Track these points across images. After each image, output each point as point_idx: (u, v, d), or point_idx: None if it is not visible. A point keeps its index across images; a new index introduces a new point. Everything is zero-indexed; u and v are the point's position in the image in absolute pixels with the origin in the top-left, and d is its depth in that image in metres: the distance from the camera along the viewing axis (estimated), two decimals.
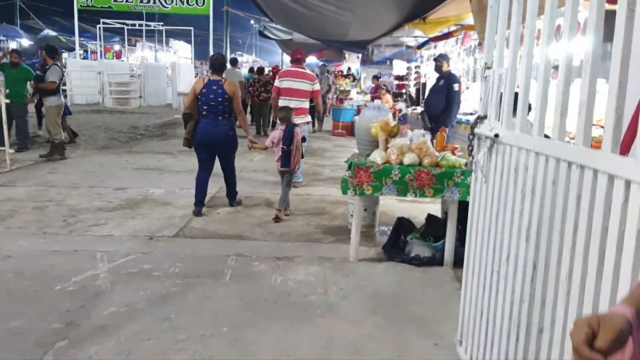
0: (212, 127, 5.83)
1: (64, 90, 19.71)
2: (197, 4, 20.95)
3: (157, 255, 4.44)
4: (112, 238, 4.88)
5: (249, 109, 13.96)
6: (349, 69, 26.50)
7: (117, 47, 31.35)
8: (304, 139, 6.07)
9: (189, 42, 33.27)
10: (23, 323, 3.22)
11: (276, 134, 5.85)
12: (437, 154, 4.45)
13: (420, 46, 13.45)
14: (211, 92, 5.79)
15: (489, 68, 2.95)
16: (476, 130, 2.92)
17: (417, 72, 16.35)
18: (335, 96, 15.49)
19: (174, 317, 3.35)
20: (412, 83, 16.64)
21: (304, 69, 7.53)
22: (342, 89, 15.76)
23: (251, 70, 17.16)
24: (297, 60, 7.45)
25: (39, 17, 30.75)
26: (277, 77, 7.54)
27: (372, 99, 15.40)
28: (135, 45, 30.99)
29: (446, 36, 10.82)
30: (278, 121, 6.15)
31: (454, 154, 4.65)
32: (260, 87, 13.90)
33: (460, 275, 4.32)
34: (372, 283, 4.03)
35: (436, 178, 4.32)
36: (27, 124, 9.59)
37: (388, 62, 16.73)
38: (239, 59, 36.14)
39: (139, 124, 13.95)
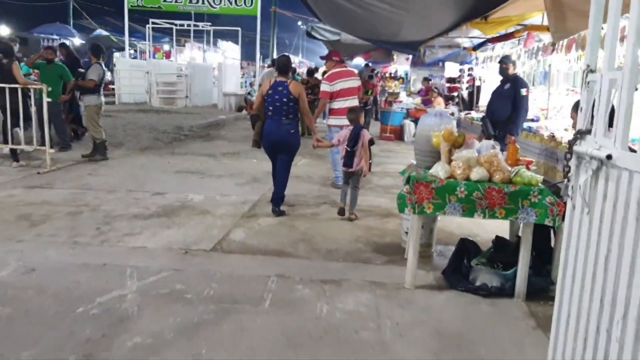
0: (276, 127, 5.82)
1: (113, 90, 19.94)
2: (245, 4, 20.73)
3: (191, 273, 4.03)
4: (145, 250, 4.50)
5: None
6: (396, 70, 25.85)
7: (166, 47, 31.64)
8: (372, 142, 6.02)
9: (238, 42, 33.32)
10: (37, 353, 2.85)
11: (343, 133, 5.91)
12: (509, 168, 3.87)
13: (476, 47, 12.72)
14: (277, 93, 5.80)
15: (592, 71, 2.37)
16: (576, 148, 2.35)
17: (470, 75, 15.63)
18: (383, 98, 14.92)
19: (204, 353, 2.91)
20: (464, 86, 15.91)
21: (347, 67, 7.75)
22: (390, 91, 15.18)
23: (294, 71, 16.60)
24: (341, 61, 7.54)
25: (92, 17, 31.37)
26: (325, 81, 7.30)
27: (423, 102, 14.79)
28: (184, 46, 31.18)
29: (506, 37, 10.09)
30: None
31: (528, 168, 4.06)
32: (308, 89, 13.49)
33: (536, 310, 3.75)
34: (433, 318, 3.49)
35: (509, 197, 3.75)
36: (64, 122, 9.43)
37: (440, 64, 16.03)
38: None
39: (183, 125, 13.74)
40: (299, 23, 43.72)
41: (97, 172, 7.79)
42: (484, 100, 14.49)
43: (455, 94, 16.22)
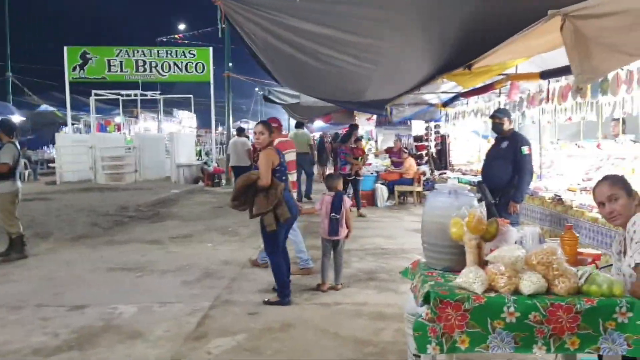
0: (293, 199, 5.48)
1: (54, 168, 18.28)
2: (196, 70, 19.75)
3: None
4: None
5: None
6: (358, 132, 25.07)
7: (118, 119, 30.28)
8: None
9: (194, 110, 32.21)
10: None
11: (325, 198, 5.65)
12: (574, 270, 2.59)
13: (446, 103, 11.85)
14: (284, 162, 5.29)
15: None
16: None
17: (436, 132, 14.86)
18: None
19: None
20: (432, 144, 15.04)
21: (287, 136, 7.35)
22: None
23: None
24: (281, 128, 6.85)
25: (35, 93, 29.72)
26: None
27: (393, 163, 13.73)
28: (137, 117, 29.91)
29: (483, 89, 9.11)
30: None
31: (596, 265, 2.79)
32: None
33: None
34: None
35: (583, 317, 2.44)
36: None
37: (408, 123, 15.16)
38: (245, 125, 35.03)
39: (129, 204, 12.18)
40: (256, 89, 43.21)
41: (7, 278, 6.18)
42: (457, 158, 13.60)
43: (424, 152, 15.30)
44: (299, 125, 15.13)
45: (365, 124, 22.69)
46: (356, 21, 6.08)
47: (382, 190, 12.46)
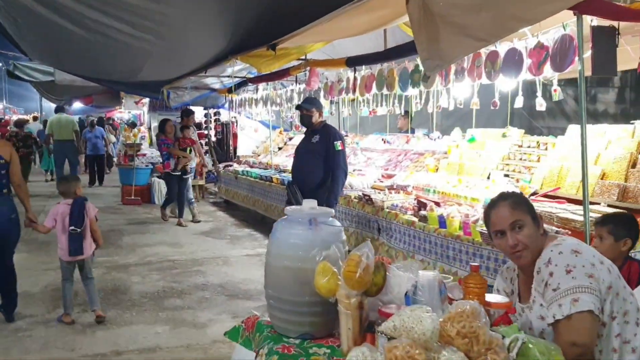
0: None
1: None
2: None
3: None
4: None
5: None
6: (130, 118, 22.78)
7: None
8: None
9: None
10: None
11: (59, 208, 4.42)
12: (500, 338, 1.78)
13: (231, 89, 10.85)
14: None
15: None
16: None
17: (217, 120, 13.83)
18: (122, 153, 12.02)
19: None
20: (212, 132, 13.97)
21: None
22: (129, 142, 12.26)
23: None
24: None
25: None
26: None
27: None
28: None
29: (274, 76, 8.31)
30: None
31: (508, 319, 2.04)
32: (19, 141, 10.99)
33: None
34: None
35: None
36: None
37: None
38: None
39: None
40: None
41: None
42: (243, 149, 12.76)
43: (204, 142, 14.14)
44: (59, 109, 13.52)
45: (134, 108, 20.45)
46: None
47: (159, 185, 10.95)
